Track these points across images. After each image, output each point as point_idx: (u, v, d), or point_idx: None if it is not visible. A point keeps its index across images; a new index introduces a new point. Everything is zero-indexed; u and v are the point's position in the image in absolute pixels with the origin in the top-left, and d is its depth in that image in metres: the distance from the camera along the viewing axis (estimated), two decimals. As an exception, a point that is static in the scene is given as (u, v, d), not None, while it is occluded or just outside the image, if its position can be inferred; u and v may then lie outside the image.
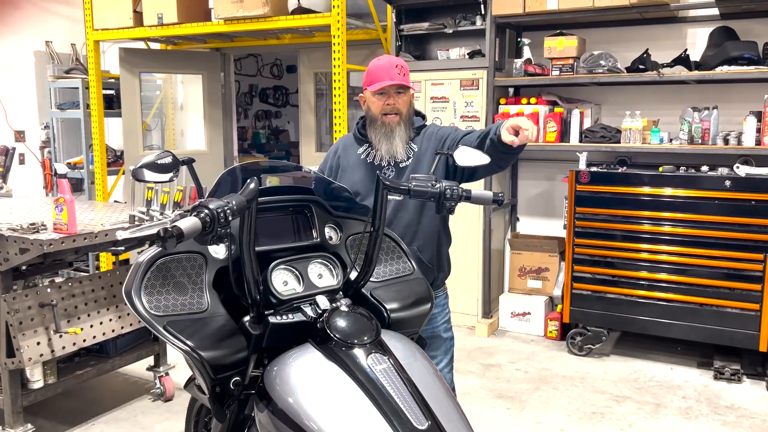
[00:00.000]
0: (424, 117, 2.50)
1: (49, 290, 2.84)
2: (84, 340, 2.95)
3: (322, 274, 1.79)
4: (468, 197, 1.82)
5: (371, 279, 1.88)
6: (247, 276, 1.59)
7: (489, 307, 4.74)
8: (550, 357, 4.26)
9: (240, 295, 1.65)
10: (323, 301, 1.68)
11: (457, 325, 4.75)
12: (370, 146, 2.39)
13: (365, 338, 1.58)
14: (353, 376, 1.49)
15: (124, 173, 6.24)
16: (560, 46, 4.35)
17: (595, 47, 4.41)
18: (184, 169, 1.90)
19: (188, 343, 1.49)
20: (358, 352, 1.54)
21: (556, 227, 4.85)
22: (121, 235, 1.29)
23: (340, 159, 2.45)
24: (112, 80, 6.10)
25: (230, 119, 6.55)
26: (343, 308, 1.63)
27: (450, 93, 4.62)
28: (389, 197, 1.80)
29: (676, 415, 3.44)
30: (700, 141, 4.05)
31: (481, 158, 1.99)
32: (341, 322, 1.60)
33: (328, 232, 1.93)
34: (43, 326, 2.80)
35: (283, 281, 1.71)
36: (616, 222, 4.12)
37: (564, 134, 4.48)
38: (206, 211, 1.36)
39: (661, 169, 4.09)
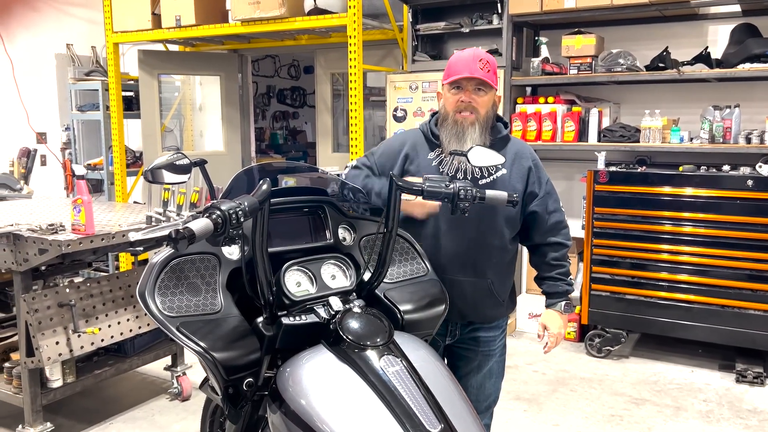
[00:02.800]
0: (506, 124, 2.17)
1: (67, 290, 2.87)
2: (102, 340, 2.97)
3: (336, 275, 1.78)
4: (482, 198, 1.81)
5: (385, 280, 1.87)
6: (260, 277, 1.59)
7: (506, 308, 4.70)
8: (568, 359, 4.22)
9: (253, 296, 1.65)
10: (336, 303, 1.68)
11: (474, 326, 4.74)
12: (442, 150, 2.10)
13: (378, 340, 1.57)
14: (366, 378, 1.49)
15: (143, 174, 6.29)
16: (578, 44, 4.30)
17: (613, 45, 4.36)
18: (197, 170, 1.90)
19: (201, 344, 1.49)
20: (371, 354, 1.53)
21: (575, 227, 4.78)
22: (133, 237, 1.29)
23: (408, 161, 2.12)
24: (132, 82, 6.16)
25: (248, 120, 6.58)
26: (356, 309, 1.63)
27: (467, 93, 4.58)
28: (403, 197, 1.79)
29: (696, 419, 3.39)
30: (721, 140, 3.99)
31: (496, 158, 1.97)
32: (354, 324, 1.59)
33: (342, 233, 1.93)
34: (62, 326, 2.82)
35: (296, 282, 1.71)
36: (635, 222, 4.07)
37: (582, 134, 4.44)
38: (218, 212, 1.36)
39: (681, 168, 4.03)
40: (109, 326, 3.00)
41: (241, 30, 5.11)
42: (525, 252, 4.94)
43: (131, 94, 6.21)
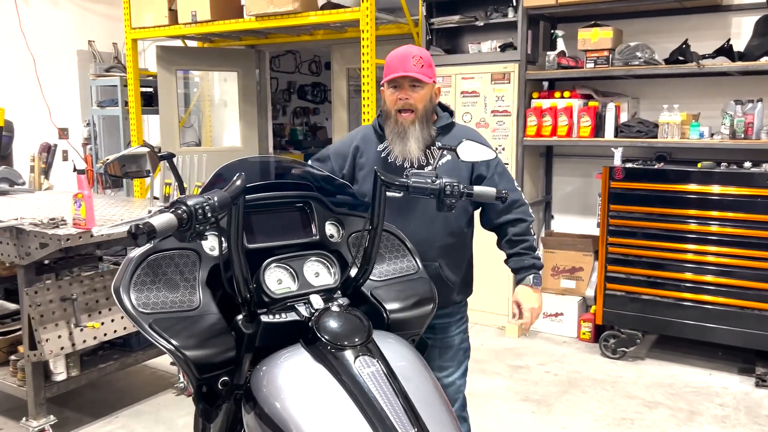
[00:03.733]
0: (452, 113, 2.25)
1: (70, 284, 2.88)
2: (105, 334, 2.98)
3: (319, 273, 1.74)
4: (470, 194, 1.75)
5: (373, 278, 1.83)
6: (236, 274, 1.55)
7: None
8: (581, 360, 4.12)
9: (232, 293, 1.62)
10: (317, 301, 1.64)
11: (486, 326, 4.68)
12: (388, 144, 2.19)
13: (356, 340, 1.53)
14: (340, 379, 1.44)
15: (160, 170, 6.33)
16: (595, 37, 4.20)
17: (631, 38, 4.24)
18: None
19: (172, 342, 1.46)
20: (347, 355, 1.49)
21: (592, 225, 4.69)
22: (96, 232, 1.27)
23: (359, 153, 2.25)
24: (151, 78, 6.21)
25: (265, 116, 6.59)
26: (334, 308, 1.58)
27: (481, 87, 4.51)
28: (388, 194, 1.74)
29: (711, 424, 3.28)
30: (742, 135, 3.85)
31: (486, 153, 1.91)
32: (331, 323, 1.55)
33: (330, 229, 1.88)
34: (65, 320, 2.84)
35: (277, 279, 1.67)
36: (652, 220, 3.95)
37: (599, 129, 4.33)
38: (183, 207, 1.33)
39: (700, 165, 3.90)
40: (113, 320, 3.01)
41: (255, 25, 5.10)
42: (541, 249, 4.85)
43: (151, 90, 6.26)
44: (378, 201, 1.72)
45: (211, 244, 1.68)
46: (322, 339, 1.51)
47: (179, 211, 1.32)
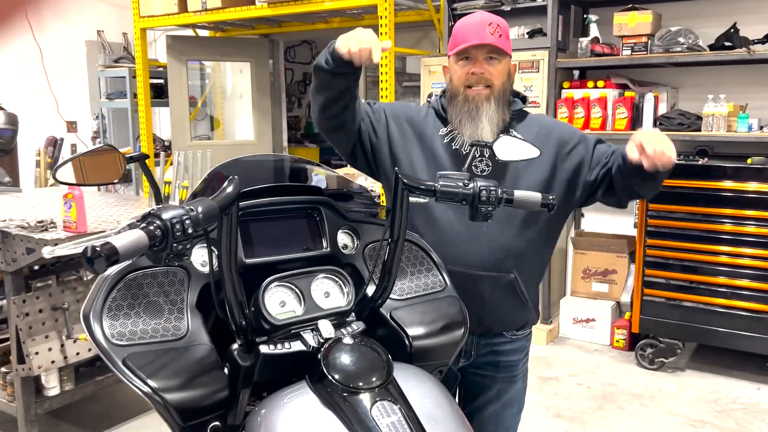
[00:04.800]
0: (524, 99, 1.86)
1: (62, 292, 2.65)
2: (101, 346, 2.74)
3: (330, 293, 1.47)
4: (510, 200, 1.47)
5: (393, 296, 1.56)
6: (229, 297, 1.29)
7: (549, 312, 4.33)
8: (616, 370, 3.82)
9: (225, 319, 1.36)
10: (326, 328, 1.37)
11: (512, 331, 4.38)
12: (454, 127, 1.81)
13: (373, 380, 1.25)
14: (353, 431, 1.18)
15: (172, 164, 6.11)
16: (632, 22, 3.87)
17: (672, 23, 3.91)
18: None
19: (149, 383, 1.20)
20: (362, 399, 1.22)
21: (626, 225, 4.37)
22: (47, 253, 1.01)
23: (417, 134, 1.83)
24: (161, 69, 5.98)
25: (279, 108, 6.33)
26: (347, 340, 1.31)
27: (507, 77, 4.20)
28: (411, 199, 1.47)
29: (764, 447, 2.98)
30: (797, 128, 3.51)
31: (529, 151, 1.62)
32: (343, 359, 1.28)
33: (343, 239, 1.61)
34: (56, 331, 2.61)
35: (279, 302, 1.40)
36: (694, 221, 3.64)
37: (636, 121, 4.01)
38: (157, 221, 1.07)
39: (749, 161, 3.57)
40: (109, 331, 2.77)
41: (268, 12, 4.84)
42: (570, 250, 4.56)
43: (161, 81, 6.04)
44: (399, 207, 1.45)
45: (203, 259, 1.42)
46: (332, 379, 1.24)
47: (151, 227, 1.05)
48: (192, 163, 2.78)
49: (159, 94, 6.03)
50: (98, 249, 0.96)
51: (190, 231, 1.09)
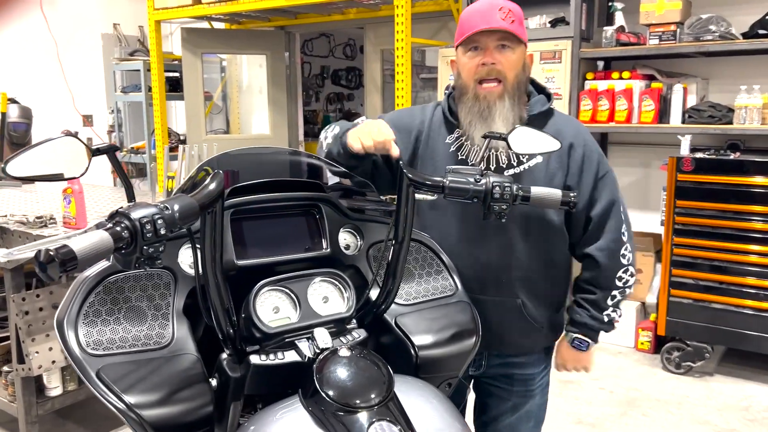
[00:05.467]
0: (549, 96, 1.66)
1: (64, 290, 2.56)
2: (104, 345, 2.66)
3: (328, 297, 1.35)
4: (526, 198, 1.33)
5: (398, 301, 1.44)
6: (214, 304, 1.18)
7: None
8: (640, 374, 3.66)
9: (212, 326, 1.25)
10: (322, 336, 1.25)
11: (532, 331, 4.23)
12: (463, 132, 1.62)
13: (371, 397, 1.13)
14: (348, 454, 1.06)
15: (185, 159, 6.05)
16: (660, 9, 3.69)
17: (702, 10, 3.72)
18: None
19: (124, 398, 1.09)
20: (358, 419, 1.10)
21: (652, 222, 4.19)
22: (2, 256, 0.90)
23: (423, 146, 1.66)
24: (176, 62, 5.91)
25: (295, 101, 6.22)
26: (343, 352, 1.19)
27: (528, 68, 4.04)
28: (418, 196, 1.34)
29: (800, 459, 2.81)
30: (836, 121, 3.32)
31: (548, 143, 1.48)
32: (338, 374, 1.16)
33: (345, 239, 1.50)
34: (57, 330, 2.52)
35: (273, 307, 1.29)
36: (724, 218, 3.45)
37: (663, 114, 3.83)
38: (125, 222, 0.95)
39: (785, 155, 3.38)
40: (113, 330, 2.69)
41: (282, 3, 4.73)
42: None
43: (177, 74, 5.97)
44: (405, 204, 1.33)
45: (191, 260, 1.31)
46: (326, 397, 1.12)
47: (118, 228, 0.94)
48: (199, 160, 2.67)
49: (175, 87, 5.96)
50: (52, 253, 0.85)
51: (162, 232, 0.98)
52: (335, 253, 1.45)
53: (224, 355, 1.27)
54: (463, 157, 1.61)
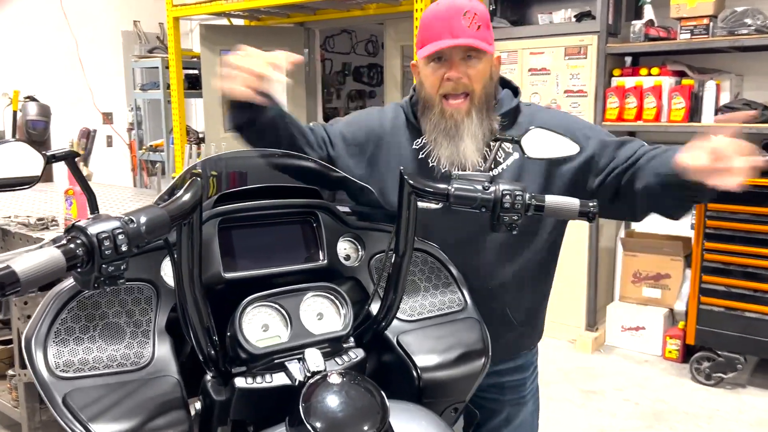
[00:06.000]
0: (516, 91, 1.56)
1: (67, 293, 2.50)
2: (108, 350, 2.59)
3: (323, 314, 1.24)
4: (540, 207, 1.21)
5: (401, 316, 1.33)
6: (192, 323, 1.08)
7: (594, 318, 4.02)
8: (667, 384, 3.50)
9: (193, 345, 1.15)
10: (313, 358, 1.14)
11: (555, 338, 4.09)
12: (429, 143, 1.52)
13: (363, 429, 1.02)
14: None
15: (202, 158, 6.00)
16: (692, 2, 3.51)
17: (737, 3, 3.52)
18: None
19: (90, 427, 0.99)
20: (350, 455, 0.99)
21: (681, 225, 4.01)
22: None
23: (385, 150, 1.55)
24: (196, 59, 5.86)
25: (315, 99, 6.13)
26: (333, 378, 1.08)
27: (552, 63, 3.90)
28: (421, 204, 1.23)
29: (840, 482, 2.63)
30: None
31: (566, 146, 1.35)
32: (327, 403, 1.05)
33: (345, 249, 1.38)
34: (60, 334, 2.46)
35: (262, 325, 1.18)
36: (759, 223, 3.28)
37: (694, 112, 3.65)
38: (82, 237, 0.85)
39: (825, 156, 3.19)
40: (118, 334, 2.62)
41: (301, -2, 4.64)
42: (620, 251, 4.22)
43: (196, 72, 5.92)
44: (406, 214, 1.22)
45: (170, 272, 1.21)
46: (311, 430, 1.01)
47: (72, 245, 0.84)
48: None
49: (194, 85, 5.91)
50: (-9, 275, 0.76)
51: (123, 249, 0.87)
52: (333, 265, 1.34)
53: (209, 377, 1.17)
54: (434, 163, 1.49)
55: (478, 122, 1.44)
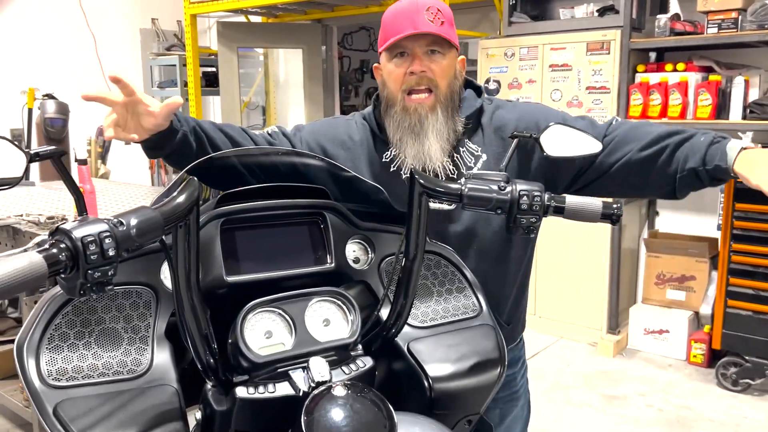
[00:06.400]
0: (479, 91, 1.51)
1: (78, 293, 2.47)
2: (119, 351, 2.56)
3: (330, 320, 1.17)
4: (560, 209, 1.14)
5: (412, 322, 1.26)
6: (190, 330, 1.03)
7: (616, 321, 3.92)
8: (692, 390, 3.39)
9: (192, 352, 1.09)
10: (318, 367, 1.08)
11: (575, 341, 4.00)
12: (396, 151, 1.46)
13: None
14: None
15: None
16: (720, -5, 3.40)
17: (768, -5, 3.41)
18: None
19: None
20: (353, 472, 0.93)
21: (707, 226, 3.90)
22: None
23: (355, 157, 1.50)
24: (213, 57, 5.84)
25: (332, 96, 6.08)
26: (337, 390, 1.02)
27: (573, 59, 3.80)
28: (433, 205, 1.16)
29: None
30: None
31: (588, 144, 1.28)
32: (331, 417, 0.98)
33: (354, 251, 1.32)
34: (71, 334, 2.43)
35: (265, 332, 1.12)
36: (791, 223, 3.16)
37: (721, 109, 3.54)
38: (66, 242, 0.80)
39: None
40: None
41: (317, -6, 4.59)
42: (643, 252, 4.11)
43: (214, 69, 5.90)
44: (417, 215, 1.15)
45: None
46: None
47: (54, 250, 0.79)
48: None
49: (211, 82, 5.89)
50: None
51: (111, 253, 0.82)
52: (341, 268, 1.27)
53: (209, 385, 1.12)
54: (406, 174, 1.44)
55: (443, 120, 1.39)
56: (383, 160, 1.48)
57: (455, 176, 1.42)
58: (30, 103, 3.76)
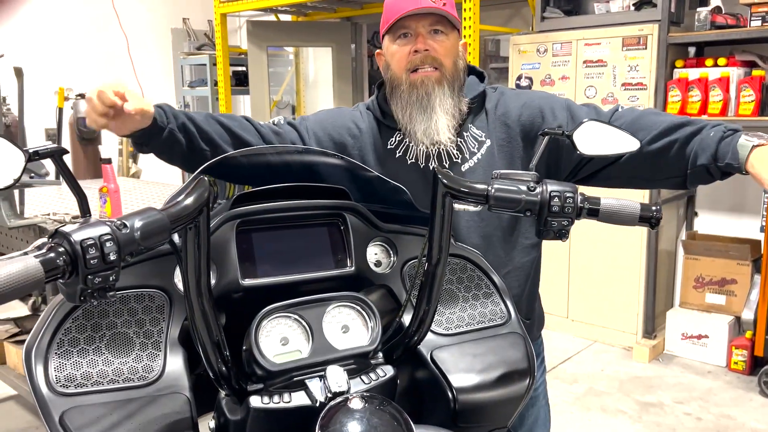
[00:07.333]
0: (482, 76, 1.49)
1: (103, 292, 2.46)
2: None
3: (349, 327, 1.12)
4: (594, 211, 1.06)
5: (436, 329, 1.21)
6: (201, 337, 0.98)
7: (652, 325, 3.79)
8: (733, 398, 3.25)
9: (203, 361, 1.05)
10: (336, 377, 1.03)
11: (610, 345, 3.89)
12: (404, 133, 1.44)
13: None
14: None
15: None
16: (764, -14, 3.25)
17: (816, -14, 3.25)
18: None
19: None
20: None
21: (749, 227, 3.75)
22: None
23: (362, 146, 1.47)
24: (243, 56, 5.85)
25: (361, 94, 6.04)
26: (354, 403, 0.96)
27: (609, 55, 3.68)
28: (457, 206, 1.10)
29: None
30: None
31: (625, 142, 1.20)
32: (346, 431, 0.94)
33: (376, 254, 1.27)
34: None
35: (281, 338, 1.08)
36: (840, 225, 3.01)
37: (765, 105, 3.39)
38: (65, 245, 0.76)
39: None
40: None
41: (346, -8, 4.55)
42: (680, 254, 3.97)
43: (244, 68, 5.91)
44: (441, 217, 1.09)
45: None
46: None
47: (52, 254, 0.75)
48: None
49: (241, 81, 5.90)
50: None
51: (112, 258, 0.77)
52: (362, 272, 1.22)
53: (223, 393, 1.08)
54: (413, 160, 1.44)
55: (450, 94, 1.38)
56: (388, 146, 1.46)
57: (459, 161, 1.42)
58: (60, 102, 3.78)
